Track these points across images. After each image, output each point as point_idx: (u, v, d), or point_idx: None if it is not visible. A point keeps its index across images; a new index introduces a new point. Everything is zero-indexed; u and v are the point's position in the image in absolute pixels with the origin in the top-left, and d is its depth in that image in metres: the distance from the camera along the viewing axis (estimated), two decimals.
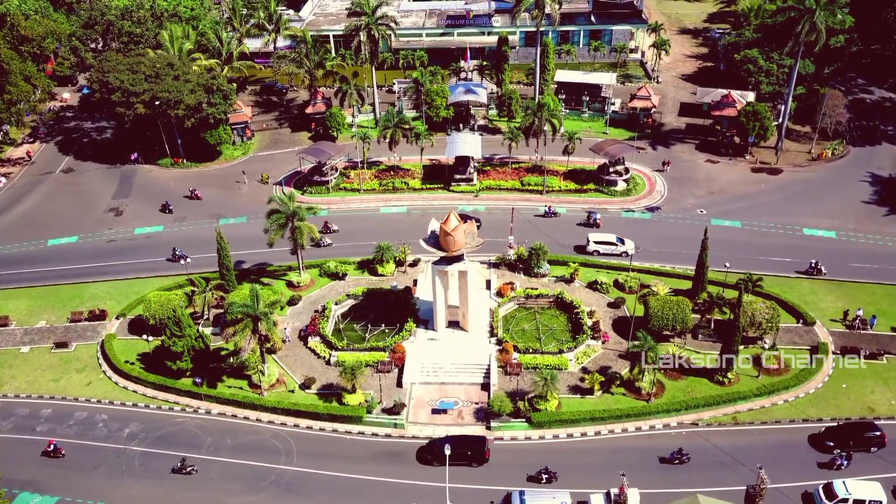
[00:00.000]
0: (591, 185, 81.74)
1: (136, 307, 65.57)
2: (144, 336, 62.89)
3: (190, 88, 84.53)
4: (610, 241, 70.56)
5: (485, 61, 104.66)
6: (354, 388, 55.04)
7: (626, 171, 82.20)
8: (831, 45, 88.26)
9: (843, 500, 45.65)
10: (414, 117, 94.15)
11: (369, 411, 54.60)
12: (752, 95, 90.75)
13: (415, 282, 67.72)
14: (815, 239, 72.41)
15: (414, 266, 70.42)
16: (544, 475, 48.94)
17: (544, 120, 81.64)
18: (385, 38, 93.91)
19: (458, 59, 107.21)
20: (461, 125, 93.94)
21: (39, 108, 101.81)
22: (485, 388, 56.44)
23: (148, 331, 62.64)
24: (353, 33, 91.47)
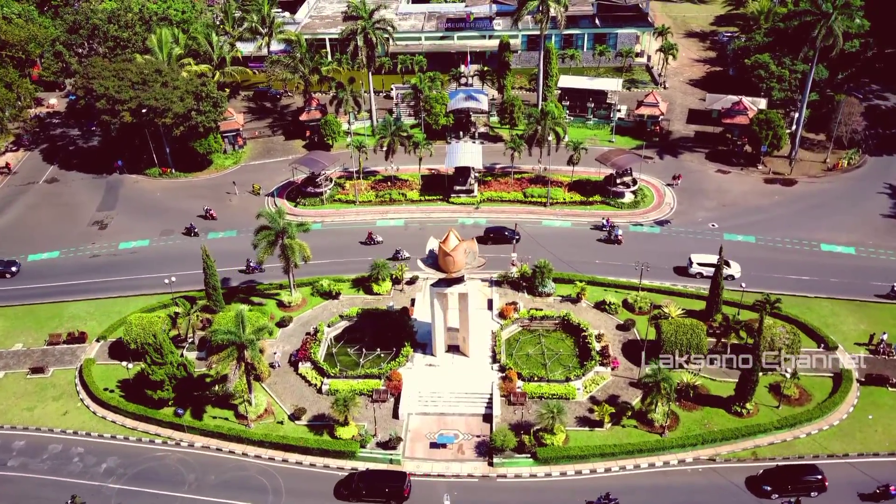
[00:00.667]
0: (598, 196, 78.15)
1: (118, 329, 62.07)
2: (125, 363, 59.17)
3: (178, 95, 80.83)
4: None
5: (486, 66, 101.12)
6: (347, 421, 51.49)
7: (634, 182, 78.65)
8: (846, 49, 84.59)
9: None
10: (412, 125, 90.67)
11: (363, 445, 51.03)
12: (765, 102, 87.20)
13: (412, 301, 64.22)
14: (834, 255, 68.76)
15: (412, 284, 66.90)
16: None
17: (548, 128, 78.06)
18: (382, 42, 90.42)
19: (458, 63, 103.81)
20: (461, 133, 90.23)
21: (24, 114, 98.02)
22: (487, 420, 52.82)
23: (129, 356, 58.93)
24: (350, 37, 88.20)
